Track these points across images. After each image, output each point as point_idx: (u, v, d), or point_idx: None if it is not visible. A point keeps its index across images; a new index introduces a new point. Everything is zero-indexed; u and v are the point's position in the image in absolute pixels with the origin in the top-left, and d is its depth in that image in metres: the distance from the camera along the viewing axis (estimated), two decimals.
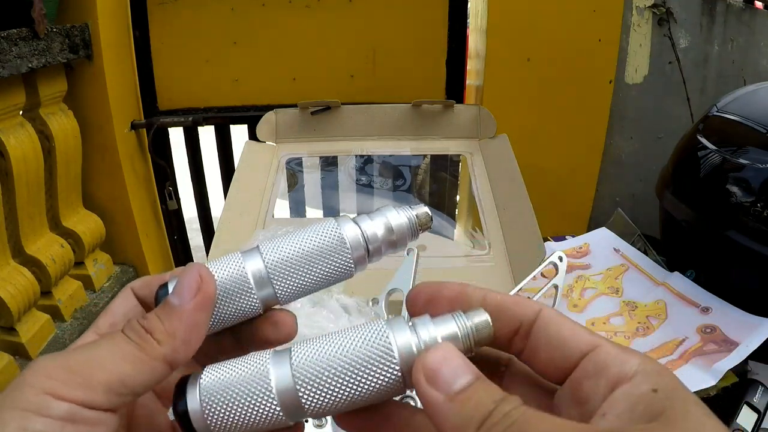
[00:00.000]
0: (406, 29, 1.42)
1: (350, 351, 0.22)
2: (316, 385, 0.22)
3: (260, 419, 0.22)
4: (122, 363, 0.21)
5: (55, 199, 1.32)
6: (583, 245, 0.89)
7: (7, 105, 1.12)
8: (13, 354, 1.13)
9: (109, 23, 1.30)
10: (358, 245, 0.26)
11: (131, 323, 0.23)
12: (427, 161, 1.26)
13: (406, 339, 0.22)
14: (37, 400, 0.20)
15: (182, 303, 0.23)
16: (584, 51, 1.30)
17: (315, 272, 0.26)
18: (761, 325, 0.65)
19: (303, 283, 0.26)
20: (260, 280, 0.25)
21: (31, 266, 1.21)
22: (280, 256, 0.25)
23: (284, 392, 0.22)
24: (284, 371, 0.22)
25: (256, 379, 0.22)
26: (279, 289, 0.25)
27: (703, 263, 0.80)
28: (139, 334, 0.22)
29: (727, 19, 1.37)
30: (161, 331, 0.22)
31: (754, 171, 0.71)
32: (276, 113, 1.06)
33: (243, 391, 0.22)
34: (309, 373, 0.22)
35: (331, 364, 0.22)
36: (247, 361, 0.23)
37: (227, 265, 0.25)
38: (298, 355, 0.22)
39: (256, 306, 0.25)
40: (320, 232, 0.26)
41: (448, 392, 0.19)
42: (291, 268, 0.25)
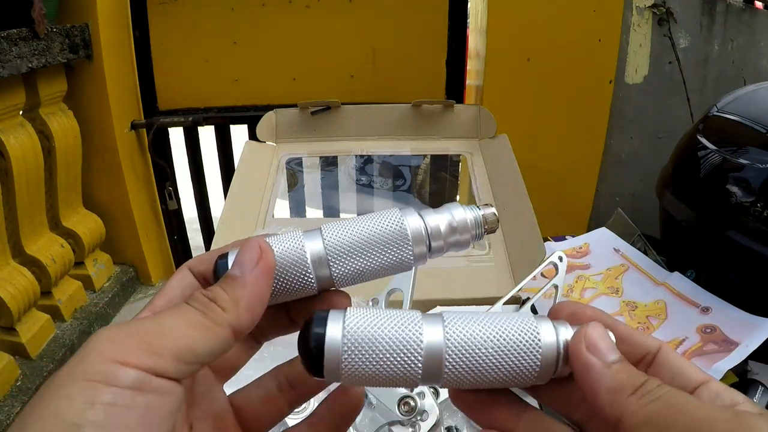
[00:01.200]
0: (406, 29, 1.42)
1: (502, 332, 0.22)
2: (464, 356, 0.22)
3: (396, 375, 0.22)
4: (189, 330, 0.21)
5: (55, 199, 1.32)
6: (583, 245, 0.89)
7: (7, 105, 1.12)
8: (13, 354, 1.13)
9: (109, 23, 1.30)
10: (419, 238, 0.25)
11: (195, 295, 0.23)
12: (427, 161, 1.26)
13: (551, 336, 0.22)
14: (104, 368, 0.19)
15: (244, 273, 0.23)
16: (584, 51, 1.30)
17: (373, 260, 0.25)
18: (761, 325, 0.65)
19: (360, 269, 0.25)
20: (318, 260, 0.25)
21: (31, 266, 1.21)
22: (341, 239, 0.25)
23: (431, 356, 0.22)
24: (437, 336, 0.22)
25: (408, 337, 0.22)
26: (335, 272, 0.25)
27: (703, 263, 0.80)
28: (203, 303, 0.22)
29: (727, 19, 1.37)
30: (225, 299, 0.22)
31: (754, 171, 0.71)
32: (276, 113, 1.06)
33: (391, 345, 0.22)
34: (461, 342, 0.22)
35: (484, 339, 0.22)
36: (397, 316, 0.23)
37: (287, 241, 0.25)
38: (452, 323, 0.23)
39: (311, 286, 0.25)
40: (383, 220, 0.25)
41: (605, 361, 0.21)
42: (350, 253, 0.25)
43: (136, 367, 0.19)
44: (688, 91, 1.35)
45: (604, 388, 0.21)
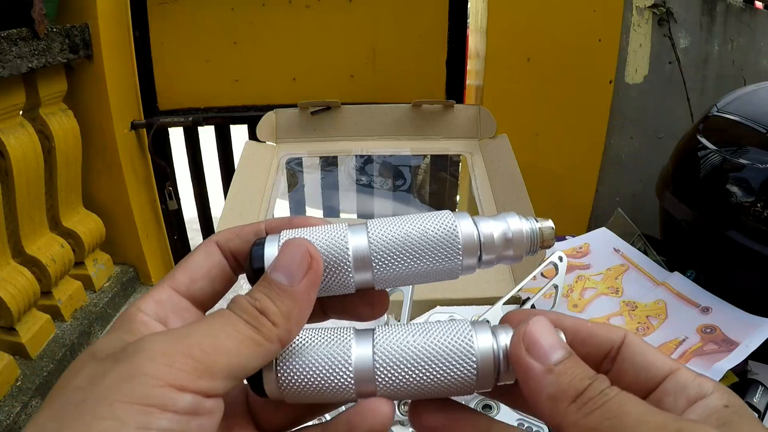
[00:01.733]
0: (406, 29, 1.42)
1: (433, 342, 0.22)
2: (394, 369, 0.22)
3: (331, 390, 0.22)
4: (242, 348, 0.20)
5: (55, 199, 1.32)
6: (583, 245, 0.89)
7: (7, 105, 1.12)
8: (13, 354, 1.13)
9: (109, 23, 1.30)
10: (471, 248, 0.24)
11: (242, 304, 0.21)
12: (427, 161, 1.26)
13: (487, 342, 0.22)
14: (160, 393, 0.18)
15: (293, 283, 0.22)
16: (584, 51, 1.30)
17: (419, 265, 0.24)
18: (761, 325, 0.65)
19: (403, 273, 0.24)
20: (361, 260, 0.23)
21: (31, 266, 1.21)
22: (386, 238, 0.23)
23: (361, 370, 0.22)
24: (365, 350, 0.22)
25: (337, 352, 0.22)
26: (377, 273, 0.24)
27: (703, 263, 0.80)
28: (253, 317, 0.21)
29: (727, 19, 1.37)
30: (276, 313, 0.21)
31: (754, 171, 0.71)
32: (276, 113, 1.06)
33: (321, 361, 0.22)
34: (390, 355, 0.22)
35: (413, 351, 0.22)
36: (329, 334, 0.23)
37: (330, 236, 0.24)
38: (381, 337, 0.22)
39: (349, 286, 0.24)
40: (434, 222, 0.24)
41: (546, 363, 0.20)
42: (395, 255, 0.23)
43: (192, 391, 0.19)
44: (688, 91, 1.35)
45: (545, 395, 0.20)
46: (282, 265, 0.22)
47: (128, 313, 0.22)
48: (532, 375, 0.20)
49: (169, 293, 0.23)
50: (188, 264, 0.24)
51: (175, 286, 0.23)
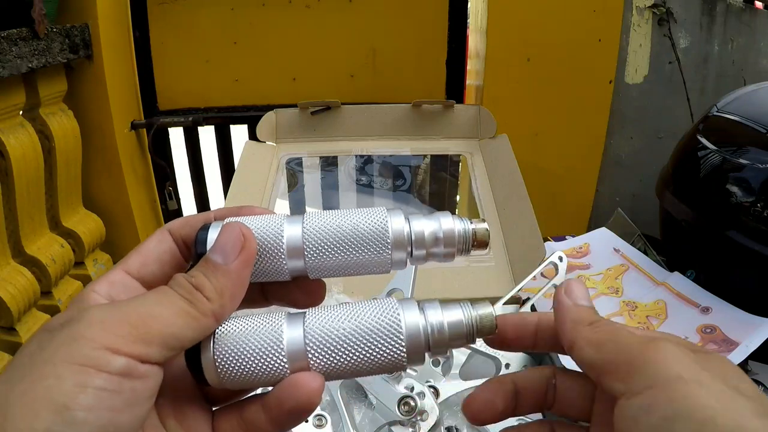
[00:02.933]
0: (406, 29, 1.42)
1: (361, 321, 0.23)
2: (325, 348, 0.23)
3: (267, 373, 0.23)
4: (176, 318, 0.22)
5: (55, 199, 1.32)
6: (583, 245, 0.89)
7: (7, 105, 1.12)
8: (13, 354, 1.13)
9: (109, 23, 1.30)
10: (400, 243, 0.25)
11: (179, 280, 0.23)
12: (427, 161, 1.26)
13: (414, 319, 0.23)
14: (96, 354, 0.20)
15: (227, 261, 0.23)
16: (584, 51, 1.30)
17: (350, 257, 0.25)
18: (761, 325, 0.65)
19: (334, 264, 0.25)
20: (294, 248, 0.25)
21: (31, 266, 1.21)
22: (319, 229, 0.25)
23: (294, 351, 0.23)
24: (297, 332, 0.23)
25: (270, 336, 0.23)
26: (309, 262, 0.25)
27: (703, 263, 0.80)
28: (189, 291, 0.23)
29: (727, 19, 1.37)
30: (210, 289, 0.23)
31: (754, 171, 0.71)
32: (276, 113, 1.06)
33: (255, 345, 0.23)
34: (319, 335, 0.23)
35: (342, 330, 0.23)
36: (262, 318, 0.24)
37: (266, 224, 0.25)
38: (311, 318, 0.24)
39: (284, 272, 0.25)
40: (368, 217, 0.25)
41: (575, 302, 0.27)
42: (327, 246, 0.24)
43: (126, 354, 0.20)
44: (688, 91, 1.35)
45: (569, 319, 0.26)
46: (218, 246, 0.24)
47: (82, 293, 0.24)
48: (565, 307, 0.27)
49: (121, 275, 0.25)
50: (141, 249, 0.26)
51: (126, 269, 0.25)
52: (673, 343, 0.22)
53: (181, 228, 0.26)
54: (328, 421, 0.56)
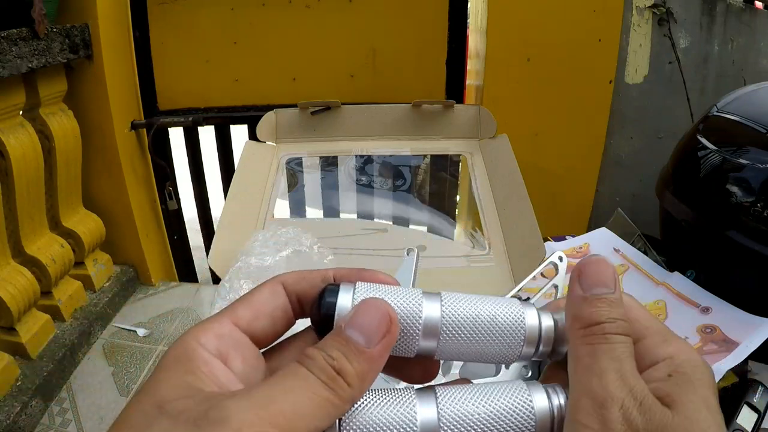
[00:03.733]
0: (406, 29, 1.42)
1: (495, 405, 0.23)
2: (459, 430, 0.22)
3: None
4: (319, 410, 0.20)
5: (55, 199, 1.32)
6: (583, 245, 0.89)
7: (7, 105, 1.12)
8: (13, 354, 1.13)
9: (109, 23, 1.30)
10: (533, 339, 0.25)
11: (318, 361, 0.21)
12: (427, 161, 1.26)
13: (544, 404, 0.23)
14: None
15: (370, 345, 0.22)
16: (584, 51, 1.30)
17: (481, 345, 0.25)
18: (761, 325, 0.65)
19: (464, 350, 0.25)
20: (430, 329, 0.24)
21: (31, 266, 1.21)
22: (458, 313, 0.24)
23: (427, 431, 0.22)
24: (430, 412, 0.22)
25: (403, 415, 0.22)
26: (442, 345, 0.24)
27: (703, 263, 0.80)
28: (331, 377, 0.21)
29: (727, 19, 1.37)
30: (352, 375, 0.21)
31: (754, 171, 0.71)
32: (276, 113, 1.06)
33: (387, 424, 0.22)
34: (454, 418, 0.22)
35: (477, 413, 0.22)
36: (392, 395, 0.23)
37: (406, 300, 0.24)
38: (444, 398, 0.23)
39: (412, 350, 0.24)
40: (504, 307, 0.25)
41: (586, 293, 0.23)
42: (462, 330, 0.24)
43: None
44: (688, 91, 1.35)
45: (571, 313, 0.23)
46: (361, 325, 0.22)
47: (187, 347, 0.22)
48: (571, 296, 0.24)
49: (230, 328, 0.23)
50: (252, 300, 0.24)
51: (236, 321, 0.23)
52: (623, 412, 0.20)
53: (296, 283, 0.25)
54: None
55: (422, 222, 1.11)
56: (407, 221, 1.13)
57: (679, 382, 0.21)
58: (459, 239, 1.05)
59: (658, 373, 0.22)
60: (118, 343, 1.33)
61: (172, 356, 0.22)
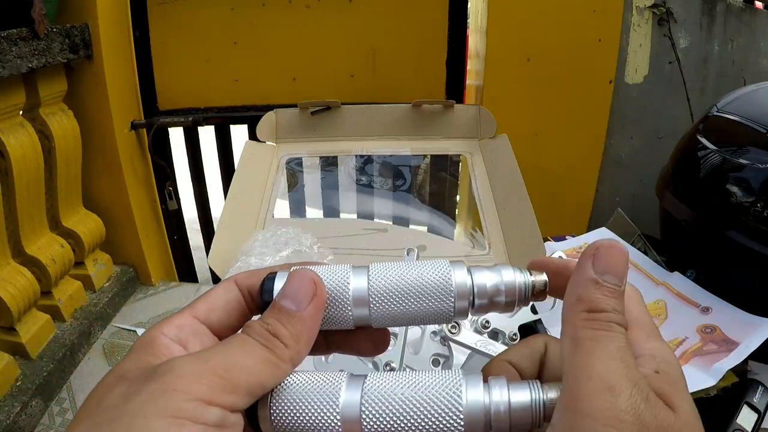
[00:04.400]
0: (406, 29, 1.42)
1: (421, 392, 0.23)
2: (379, 414, 0.23)
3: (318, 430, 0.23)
4: (260, 366, 0.22)
5: (55, 199, 1.32)
6: (583, 245, 0.89)
7: (7, 105, 1.12)
8: (13, 354, 1.13)
9: (109, 23, 1.30)
10: (463, 292, 0.25)
11: (255, 327, 0.23)
12: (427, 161, 1.26)
13: (477, 397, 0.23)
14: (191, 406, 0.20)
15: (300, 307, 0.24)
16: (584, 51, 1.30)
17: (413, 307, 0.25)
18: (761, 325, 0.65)
19: (398, 314, 0.26)
20: (359, 299, 0.25)
21: (31, 266, 1.21)
22: (385, 281, 0.25)
23: (348, 413, 0.23)
24: (354, 395, 0.23)
25: (327, 396, 0.23)
26: (374, 312, 0.25)
27: (703, 263, 0.80)
28: (267, 339, 0.23)
29: (727, 19, 1.37)
30: (287, 335, 0.23)
31: (754, 171, 0.71)
32: (276, 113, 1.06)
33: (311, 403, 0.23)
34: (376, 400, 0.23)
35: (401, 400, 0.23)
36: (322, 377, 0.24)
37: (332, 274, 0.26)
38: (371, 382, 0.24)
39: (348, 321, 0.26)
40: (431, 269, 0.26)
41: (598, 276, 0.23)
42: (391, 296, 0.25)
43: (218, 405, 0.20)
44: (688, 91, 1.35)
45: (576, 291, 0.23)
46: (289, 293, 0.24)
47: (150, 336, 0.24)
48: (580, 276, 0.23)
49: (189, 319, 0.25)
50: (207, 296, 0.26)
51: (194, 314, 0.25)
52: None
53: (247, 279, 0.27)
54: None
55: (422, 222, 1.11)
56: (407, 221, 1.13)
57: (669, 381, 0.21)
58: (459, 239, 1.05)
59: (645, 369, 0.22)
60: (118, 343, 1.33)
61: (136, 345, 0.24)
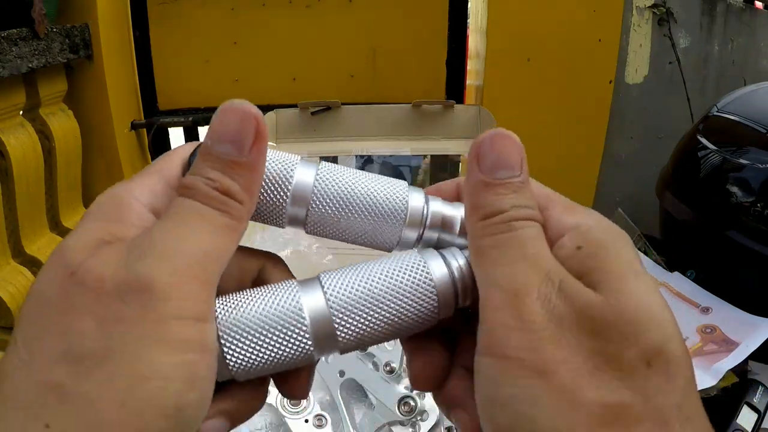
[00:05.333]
0: (406, 29, 1.42)
1: (389, 279, 0.21)
2: (353, 314, 0.20)
3: (288, 356, 0.20)
4: (225, 242, 0.19)
5: (55, 199, 1.32)
6: None
7: (7, 105, 1.12)
8: None
9: (109, 23, 1.30)
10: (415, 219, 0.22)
11: (201, 188, 0.19)
12: (427, 161, 1.26)
13: (442, 269, 0.21)
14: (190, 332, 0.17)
15: (242, 152, 0.19)
16: (584, 51, 1.30)
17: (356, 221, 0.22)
18: (761, 325, 0.65)
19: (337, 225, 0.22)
20: (300, 194, 0.22)
21: (31, 266, 1.21)
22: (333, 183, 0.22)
23: (318, 323, 0.20)
24: (317, 301, 0.20)
25: (286, 310, 0.20)
26: (312, 215, 0.22)
27: (703, 263, 0.80)
28: (222, 201, 0.19)
29: (727, 19, 1.37)
30: (238, 191, 0.19)
31: (754, 171, 0.71)
32: (276, 113, 1.06)
33: (271, 324, 0.19)
34: (345, 301, 0.20)
35: (371, 291, 0.20)
36: (270, 292, 0.21)
37: (279, 159, 0.22)
38: (331, 283, 0.21)
39: (281, 218, 0.22)
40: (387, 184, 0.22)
41: (488, 177, 0.20)
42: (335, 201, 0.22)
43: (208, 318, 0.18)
44: (688, 91, 1.35)
45: (468, 206, 0.20)
46: (225, 134, 0.19)
47: (119, 198, 0.20)
48: (469, 181, 0.20)
49: (163, 185, 0.21)
50: (174, 157, 0.22)
51: (167, 179, 0.21)
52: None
53: None
54: (328, 421, 0.56)
55: None
56: None
57: (592, 254, 0.18)
58: None
59: (565, 250, 0.19)
60: None
61: (101, 205, 0.20)
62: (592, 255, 0.18)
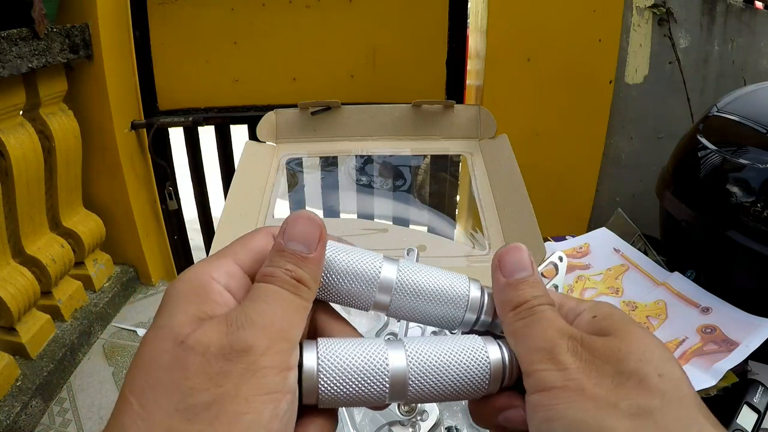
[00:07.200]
0: (406, 29, 1.42)
1: (456, 355, 0.26)
2: (424, 377, 0.25)
3: (366, 397, 0.24)
4: (298, 315, 0.24)
5: (55, 199, 1.32)
6: (583, 245, 0.88)
7: (7, 105, 1.12)
8: (13, 354, 1.13)
9: (109, 23, 1.30)
10: (475, 306, 0.27)
11: (281, 276, 0.24)
12: (427, 161, 1.26)
13: (497, 354, 0.26)
14: (279, 379, 0.21)
15: (310, 250, 0.25)
16: (584, 51, 1.30)
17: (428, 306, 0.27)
18: (761, 325, 0.65)
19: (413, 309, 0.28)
20: (385, 286, 0.27)
21: (31, 266, 1.21)
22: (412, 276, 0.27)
23: (396, 376, 0.24)
24: (400, 360, 0.25)
25: (374, 360, 0.25)
26: (395, 302, 0.27)
27: (703, 263, 0.80)
28: (295, 287, 0.24)
29: (727, 19, 1.37)
30: (308, 279, 0.24)
31: (754, 171, 0.71)
32: (276, 113, 1.06)
33: (360, 368, 0.24)
34: (421, 366, 0.25)
35: (440, 362, 0.25)
36: (363, 343, 0.25)
37: (367, 258, 0.27)
38: (412, 347, 0.25)
39: (368, 303, 0.27)
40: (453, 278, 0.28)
41: (509, 278, 0.27)
42: (413, 290, 0.27)
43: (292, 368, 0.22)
44: (688, 91, 1.35)
45: (498, 302, 0.27)
46: (297, 235, 0.25)
47: (201, 281, 0.24)
48: (497, 285, 0.27)
49: (235, 267, 0.25)
50: (251, 244, 0.27)
51: (238, 261, 0.26)
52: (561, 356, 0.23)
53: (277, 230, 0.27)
54: None
55: (422, 222, 1.11)
56: (407, 221, 1.13)
57: (607, 318, 0.25)
58: (459, 239, 1.05)
59: (583, 321, 0.25)
60: (118, 343, 1.33)
61: (183, 288, 0.24)
62: (604, 319, 0.25)
